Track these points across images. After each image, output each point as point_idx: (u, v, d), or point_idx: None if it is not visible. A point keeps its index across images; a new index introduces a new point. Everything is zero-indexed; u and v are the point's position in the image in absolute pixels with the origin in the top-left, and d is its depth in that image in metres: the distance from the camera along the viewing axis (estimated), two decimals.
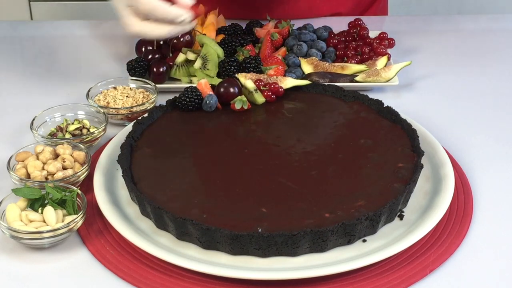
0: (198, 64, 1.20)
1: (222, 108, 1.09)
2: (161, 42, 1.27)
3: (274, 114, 1.08)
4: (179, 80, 1.23)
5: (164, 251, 0.84)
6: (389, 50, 1.29)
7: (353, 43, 1.30)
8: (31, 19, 2.47)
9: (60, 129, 1.08)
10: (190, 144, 1.01)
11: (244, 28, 1.34)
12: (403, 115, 1.05)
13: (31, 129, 1.06)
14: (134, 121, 1.05)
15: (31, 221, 0.88)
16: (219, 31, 1.33)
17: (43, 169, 0.97)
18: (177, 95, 1.09)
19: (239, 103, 1.07)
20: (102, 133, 1.08)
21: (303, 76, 1.22)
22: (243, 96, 1.08)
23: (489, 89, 1.25)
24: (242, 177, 0.95)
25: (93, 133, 1.06)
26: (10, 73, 1.32)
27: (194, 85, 1.12)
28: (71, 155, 1.00)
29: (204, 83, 1.10)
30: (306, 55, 1.27)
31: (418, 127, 1.05)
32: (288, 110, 1.09)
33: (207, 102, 1.07)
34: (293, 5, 1.44)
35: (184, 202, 0.90)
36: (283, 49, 1.27)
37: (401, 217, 0.91)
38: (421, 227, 0.87)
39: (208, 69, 1.20)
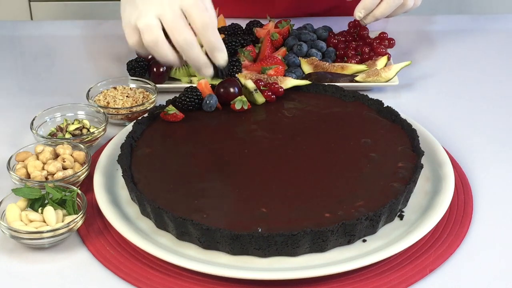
0: None
1: (222, 108, 1.09)
2: None
3: (274, 114, 1.08)
4: (179, 80, 1.23)
5: (164, 251, 0.84)
6: (389, 50, 1.29)
7: (353, 43, 1.31)
8: (31, 19, 2.47)
9: (60, 129, 1.08)
10: (190, 144, 1.01)
11: (244, 28, 1.34)
12: (403, 115, 1.05)
13: (31, 129, 1.06)
14: (134, 121, 1.05)
15: (31, 221, 0.88)
16: (219, 31, 1.33)
17: (43, 169, 0.97)
18: (177, 95, 1.09)
19: (239, 103, 1.07)
20: (102, 133, 1.08)
21: (303, 76, 1.22)
22: (243, 96, 1.08)
23: (489, 89, 1.25)
24: (242, 177, 0.95)
25: (93, 133, 1.06)
26: (10, 73, 1.32)
27: (194, 85, 1.12)
28: (71, 155, 1.00)
29: (204, 83, 1.10)
30: (306, 55, 1.27)
31: (418, 127, 1.05)
32: (288, 110, 1.09)
33: (207, 102, 1.07)
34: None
35: (184, 202, 0.90)
36: (283, 49, 1.27)
37: (401, 217, 0.91)
38: (421, 227, 0.87)
39: None
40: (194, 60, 0.97)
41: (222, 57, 0.98)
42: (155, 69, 1.20)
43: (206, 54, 0.98)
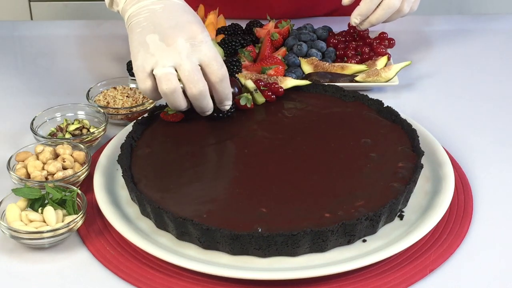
0: None
1: None
2: None
3: (274, 114, 1.08)
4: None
5: (164, 251, 0.84)
6: (389, 50, 1.29)
7: (353, 43, 1.31)
8: (31, 19, 2.47)
9: (60, 129, 1.08)
10: (190, 144, 1.01)
11: (244, 28, 1.34)
12: (403, 115, 1.05)
13: (31, 129, 1.06)
14: (134, 121, 1.05)
15: (31, 221, 0.88)
16: (219, 31, 1.33)
17: (43, 169, 0.97)
18: None
19: (244, 99, 1.07)
20: (102, 133, 1.08)
21: (303, 76, 1.22)
22: (248, 94, 1.08)
23: (489, 89, 1.25)
24: (242, 177, 0.95)
25: (93, 133, 1.06)
26: (10, 73, 1.32)
27: None
28: (71, 155, 1.00)
29: None
30: (306, 55, 1.27)
31: (418, 127, 1.05)
32: (288, 110, 1.09)
33: None
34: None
35: (184, 202, 0.90)
36: (283, 49, 1.27)
37: (401, 217, 0.91)
38: (421, 227, 0.87)
39: None
40: (203, 108, 1.01)
41: (229, 105, 1.03)
42: None
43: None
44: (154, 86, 0.98)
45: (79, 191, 0.92)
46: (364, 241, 0.88)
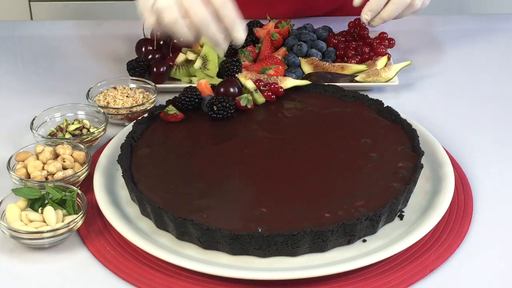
0: (198, 64, 1.20)
1: None
2: (161, 42, 1.27)
3: (274, 114, 1.08)
4: (179, 80, 1.23)
5: (164, 251, 0.84)
6: (389, 50, 1.29)
7: (353, 43, 1.31)
8: (31, 19, 2.47)
9: (60, 129, 1.08)
10: (190, 144, 1.01)
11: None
12: (403, 115, 1.05)
13: (31, 129, 1.06)
14: (134, 121, 1.05)
15: (31, 221, 0.88)
16: None
17: (43, 169, 0.97)
18: (177, 95, 1.09)
19: (244, 100, 1.07)
20: (102, 133, 1.08)
21: (303, 76, 1.22)
22: (249, 94, 1.08)
23: (489, 89, 1.25)
24: (242, 177, 0.95)
25: (93, 133, 1.06)
26: (10, 73, 1.32)
27: (194, 85, 1.12)
28: (71, 155, 1.00)
29: (204, 83, 1.10)
30: (306, 55, 1.27)
31: (418, 127, 1.05)
32: (288, 110, 1.09)
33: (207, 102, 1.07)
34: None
35: (184, 202, 0.90)
36: (283, 49, 1.27)
37: (401, 217, 0.91)
38: (421, 227, 0.87)
39: (208, 69, 1.19)
40: (212, 36, 1.00)
41: (242, 28, 1.01)
42: (155, 69, 1.20)
43: None
44: (158, 21, 1.00)
45: (79, 191, 0.92)
46: (364, 241, 0.88)
